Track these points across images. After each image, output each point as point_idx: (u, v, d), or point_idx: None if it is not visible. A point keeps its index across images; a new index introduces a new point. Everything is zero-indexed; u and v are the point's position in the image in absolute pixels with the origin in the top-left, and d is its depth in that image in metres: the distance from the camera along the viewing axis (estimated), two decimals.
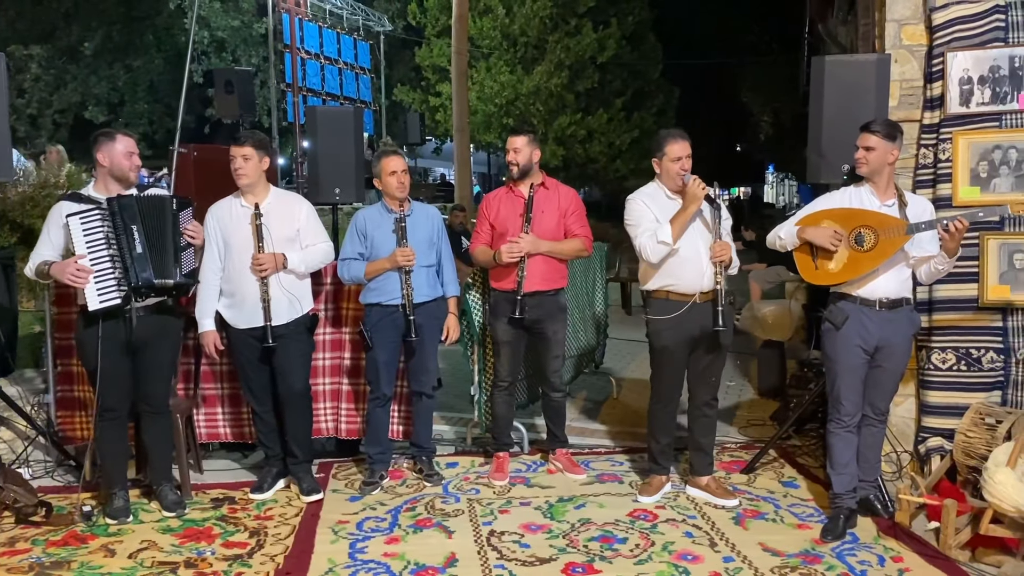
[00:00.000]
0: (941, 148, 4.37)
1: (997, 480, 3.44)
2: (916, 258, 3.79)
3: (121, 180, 3.95)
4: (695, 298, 4.01)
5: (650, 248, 4.01)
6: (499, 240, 4.47)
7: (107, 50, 21.02)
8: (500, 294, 4.50)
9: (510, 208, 4.49)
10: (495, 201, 4.56)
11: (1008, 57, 4.26)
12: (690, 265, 4.01)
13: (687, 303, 4.02)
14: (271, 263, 4.08)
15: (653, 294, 4.14)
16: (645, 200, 4.13)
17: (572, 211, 4.55)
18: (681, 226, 3.96)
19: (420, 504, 4.23)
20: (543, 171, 4.59)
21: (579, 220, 4.56)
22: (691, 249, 4.00)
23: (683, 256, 4.01)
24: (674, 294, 4.06)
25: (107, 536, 3.87)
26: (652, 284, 4.14)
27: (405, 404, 4.76)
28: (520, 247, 4.33)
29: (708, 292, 3.99)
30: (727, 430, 5.43)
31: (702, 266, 3.99)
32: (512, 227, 4.43)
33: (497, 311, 4.53)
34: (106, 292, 3.81)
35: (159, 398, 4.11)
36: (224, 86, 10.76)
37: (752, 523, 3.98)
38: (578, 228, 4.54)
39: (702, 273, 3.99)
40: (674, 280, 4.06)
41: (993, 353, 4.27)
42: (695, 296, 4.01)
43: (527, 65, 19.71)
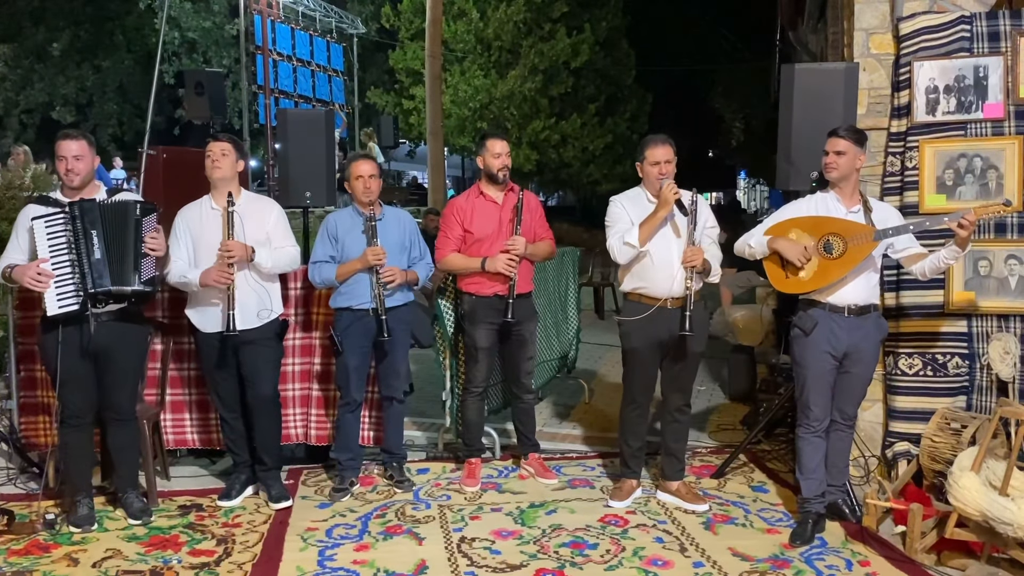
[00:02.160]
0: (908, 156, 4.43)
1: (962, 484, 3.48)
2: (907, 255, 3.83)
3: (67, 185, 3.89)
4: (666, 302, 4.02)
5: (617, 249, 4.05)
6: (475, 246, 4.46)
7: (75, 50, 20.75)
8: (479, 300, 4.46)
9: (487, 214, 4.47)
10: (466, 206, 4.52)
11: (973, 67, 4.33)
12: (661, 269, 4.02)
13: (655, 306, 4.03)
14: (240, 251, 4.00)
15: (627, 295, 4.19)
16: (624, 203, 4.15)
17: (539, 215, 4.60)
18: (650, 229, 3.98)
19: (390, 511, 4.21)
20: None
21: (543, 223, 4.63)
22: (664, 253, 4.02)
23: (655, 260, 4.03)
24: (645, 297, 4.08)
25: (71, 545, 3.80)
26: (626, 286, 4.18)
27: (376, 410, 4.73)
28: (517, 251, 4.35)
29: (679, 297, 4.00)
30: (697, 435, 5.45)
31: (673, 271, 4.00)
32: (493, 232, 4.42)
33: (476, 317, 4.48)
34: (65, 297, 3.76)
35: (124, 406, 4.05)
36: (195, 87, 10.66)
37: (722, 528, 4.00)
38: (543, 231, 4.61)
39: (673, 277, 4.00)
40: (645, 283, 4.08)
41: (958, 359, 4.33)
42: (666, 300, 4.02)
43: (501, 69, 19.71)
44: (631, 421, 4.31)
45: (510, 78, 19.34)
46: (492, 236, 4.42)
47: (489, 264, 4.37)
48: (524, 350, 4.60)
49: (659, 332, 4.07)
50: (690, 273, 3.96)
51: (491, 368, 4.66)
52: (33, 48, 20.40)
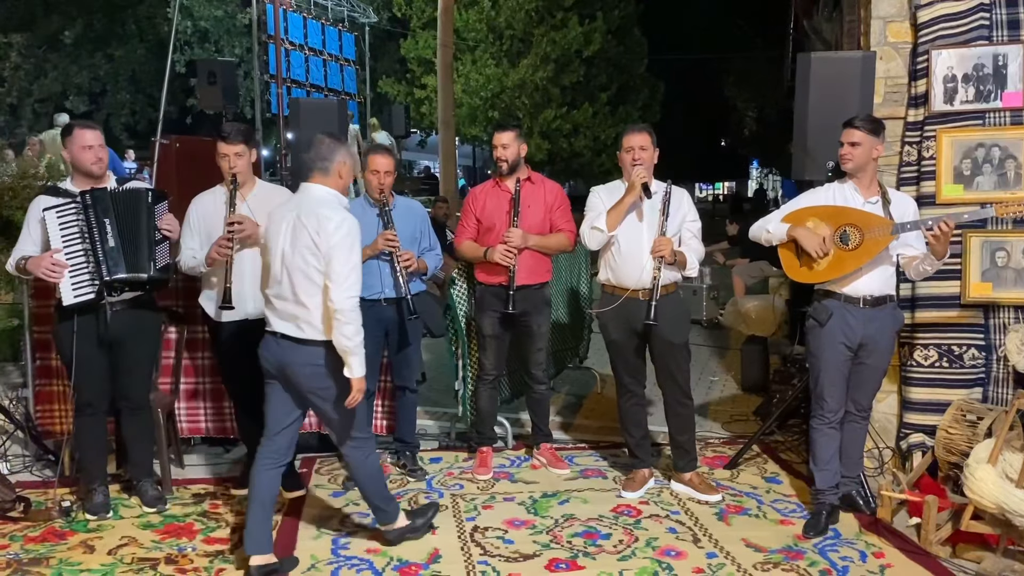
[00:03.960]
0: (925, 146, 4.38)
1: (978, 477, 3.46)
2: (904, 256, 3.80)
3: (85, 174, 3.89)
4: (638, 293, 4.05)
5: (587, 234, 4.11)
6: (486, 235, 4.47)
7: (88, 39, 20.81)
8: (487, 288, 4.49)
9: (496, 203, 4.48)
10: (481, 195, 4.55)
11: (992, 55, 4.28)
12: (631, 260, 4.06)
13: (623, 296, 4.06)
14: (251, 225, 3.97)
15: (603, 287, 4.23)
16: (602, 193, 4.21)
17: (557, 206, 4.56)
18: (618, 214, 4.01)
19: (403, 499, 4.21)
20: (528, 165, 4.58)
21: (564, 215, 4.57)
22: (633, 244, 4.05)
23: (624, 250, 4.07)
24: (617, 288, 4.12)
25: (86, 532, 3.83)
26: (601, 276, 4.24)
27: (389, 399, 4.74)
28: (513, 243, 4.34)
29: (650, 288, 4.02)
30: (710, 425, 5.45)
31: (642, 261, 4.03)
32: (499, 222, 4.42)
33: (483, 304, 4.53)
34: (80, 286, 3.77)
35: (138, 394, 4.07)
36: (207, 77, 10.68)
37: (735, 519, 3.99)
38: (563, 223, 4.55)
39: (642, 268, 4.03)
40: (614, 274, 4.13)
41: (975, 350, 4.30)
42: (638, 291, 4.05)
43: (513, 58, 19.66)
44: (627, 411, 4.34)
45: (522, 67, 19.29)
46: (499, 225, 4.43)
47: (489, 254, 4.41)
48: (533, 342, 4.59)
49: (632, 322, 4.10)
50: (658, 263, 3.98)
51: (501, 357, 4.66)
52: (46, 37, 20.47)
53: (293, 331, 3.32)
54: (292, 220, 3.31)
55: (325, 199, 3.34)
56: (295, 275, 3.28)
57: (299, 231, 3.28)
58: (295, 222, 3.30)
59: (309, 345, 3.30)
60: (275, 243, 3.35)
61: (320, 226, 3.22)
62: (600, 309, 4.18)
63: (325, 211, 3.27)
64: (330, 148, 3.39)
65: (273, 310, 3.39)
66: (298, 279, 3.27)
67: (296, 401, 3.44)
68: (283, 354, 3.35)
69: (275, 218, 3.41)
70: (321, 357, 3.30)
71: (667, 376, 4.24)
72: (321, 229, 3.22)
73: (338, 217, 3.26)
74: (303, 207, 3.32)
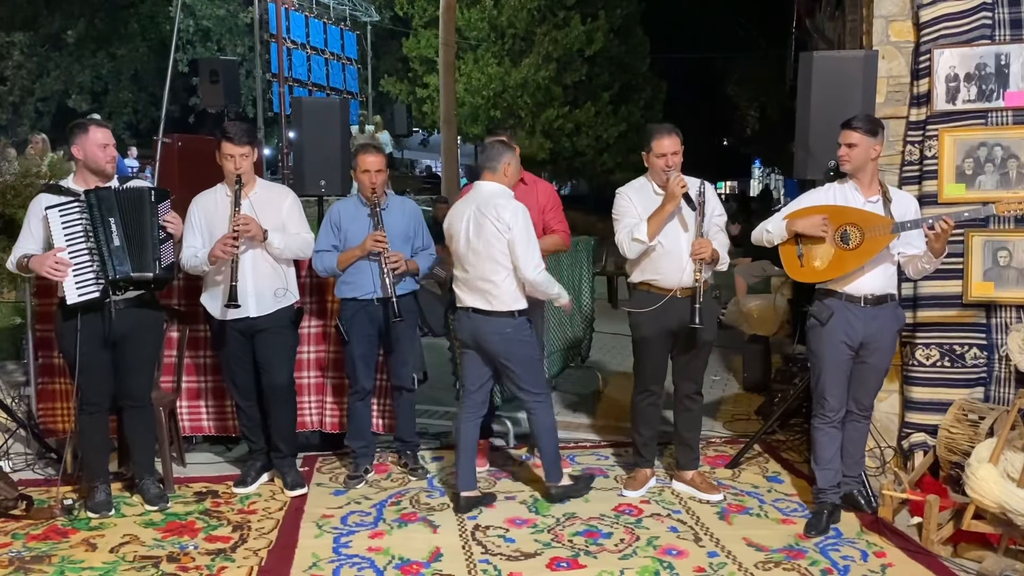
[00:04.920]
0: (927, 145, 4.38)
1: (979, 476, 3.46)
2: (905, 255, 3.80)
3: (97, 173, 3.89)
4: (675, 293, 4.01)
5: (626, 245, 4.04)
6: None
7: (90, 38, 20.84)
8: None
9: None
10: None
11: (994, 55, 4.27)
12: (671, 260, 4.01)
13: (666, 297, 4.02)
14: (255, 226, 4.00)
15: (636, 286, 4.16)
16: (631, 195, 4.13)
17: (550, 207, 4.55)
18: (658, 223, 3.95)
19: (405, 498, 4.22)
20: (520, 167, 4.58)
21: (557, 216, 4.57)
22: (673, 244, 4.00)
23: (665, 251, 4.01)
24: (655, 288, 4.06)
25: (88, 530, 3.84)
26: (635, 277, 4.16)
27: (388, 398, 4.74)
28: None
29: (689, 288, 3.99)
30: (712, 424, 5.45)
31: (683, 262, 3.99)
32: None
33: None
34: (85, 285, 3.77)
35: (141, 392, 4.07)
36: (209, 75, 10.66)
37: (736, 518, 3.99)
38: (556, 224, 4.56)
39: (682, 269, 3.99)
40: (655, 275, 4.07)
41: (976, 349, 4.30)
42: (675, 291, 4.01)
43: (515, 57, 19.65)
44: (643, 410, 4.31)
45: (524, 66, 19.28)
46: None
47: None
48: None
49: (669, 322, 4.06)
50: (699, 265, 3.94)
51: None
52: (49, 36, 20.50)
53: (483, 304, 3.95)
54: (472, 212, 3.92)
55: (497, 192, 3.96)
56: (481, 258, 3.90)
57: (481, 221, 3.88)
58: (475, 213, 3.91)
59: (497, 316, 3.93)
60: (458, 232, 3.97)
61: (499, 215, 3.84)
62: (638, 309, 4.11)
63: (500, 201, 3.89)
64: (498, 151, 4.02)
65: (463, 288, 4.02)
66: (485, 261, 3.89)
67: (487, 365, 4.07)
68: (475, 326, 3.98)
69: (455, 212, 4.05)
70: (509, 326, 3.93)
71: (687, 374, 4.23)
72: (500, 217, 3.83)
73: (512, 206, 3.89)
74: (480, 201, 3.93)
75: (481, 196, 3.97)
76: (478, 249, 3.90)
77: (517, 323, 3.95)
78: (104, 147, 3.86)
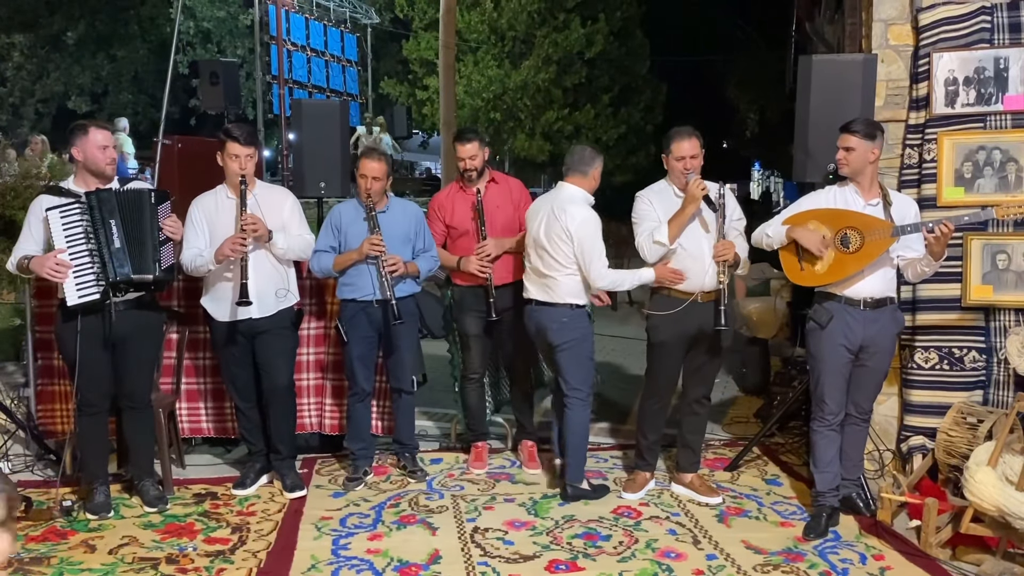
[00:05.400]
0: (926, 148, 4.39)
1: (978, 479, 3.46)
2: (904, 258, 3.80)
3: (97, 174, 3.89)
4: (696, 296, 4.01)
5: (647, 248, 4.03)
6: (460, 240, 4.52)
7: (91, 39, 20.83)
8: (465, 288, 4.54)
9: (466, 209, 4.51)
10: (448, 202, 4.59)
11: (993, 58, 4.28)
12: (693, 263, 4.00)
13: (687, 300, 4.01)
14: (262, 226, 4.01)
15: (657, 290, 4.13)
16: (652, 198, 4.12)
17: (524, 203, 4.58)
18: (679, 226, 3.95)
19: (404, 500, 4.22)
20: (490, 167, 4.63)
21: None
22: (695, 247, 3.99)
23: (687, 253, 4.00)
24: (676, 291, 4.05)
25: (87, 532, 3.84)
26: None
27: (388, 400, 4.74)
28: (489, 256, 4.39)
29: (711, 291, 3.99)
30: (711, 427, 5.40)
31: (705, 265, 3.98)
32: (471, 227, 4.47)
33: (464, 306, 4.56)
34: (85, 287, 3.78)
35: (141, 394, 4.08)
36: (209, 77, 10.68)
37: (735, 521, 4.00)
38: None
39: (704, 272, 3.98)
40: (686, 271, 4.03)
41: (975, 353, 4.30)
42: (696, 295, 4.01)
43: (515, 60, 19.63)
44: (651, 414, 4.31)
45: (524, 68, 19.27)
46: (473, 230, 4.47)
47: (463, 264, 4.45)
48: (514, 340, 4.61)
49: (689, 326, 4.05)
50: (722, 267, 3.94)
51: (486, 355, 4.69)
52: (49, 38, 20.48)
53: (544, 296, 4.13)
54: (548, 210, 4.08)
55: (575, 197, 4.11)
56: (546, 254, 4.06)
57: (552, 220, 4.05)
58: (550, 212, 4.06)
59: (556, 307, 4.10)
60: (532, 226, 4.16)
61: (567, 222, 4.00)
62: (660, 312, 4.10)
63: (572, 208, 4.04)
64: (591, 156, 4.19)
65: (530, 278, 4.21)
66: (548, 257, 4.06)
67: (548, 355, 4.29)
68: (538, 316, 4.15)
69: (536, 205, 4.25)
70: (565, 315, 4.09)
71: (699, 378, 4.24)
72: (567, 225, 3.99)
73: (582, 214, 4.03)
74: (556, 202, 4.09)
75: (559, 197, 4.12)
76: (545, 246, 4.06)
77: (574, 314, 4.10)
78: (104, 149, 3.86)
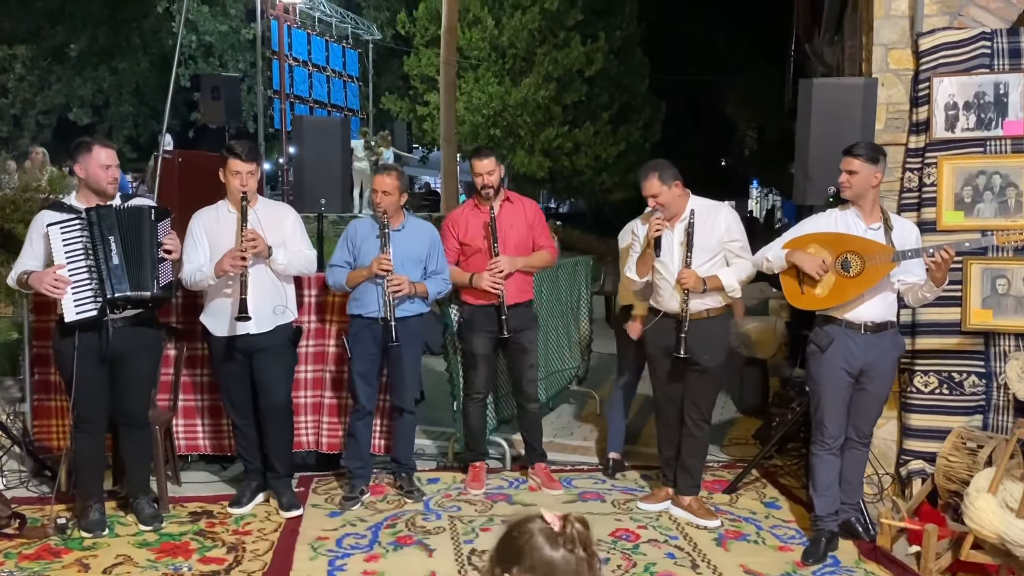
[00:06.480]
0: (926, 172, 4.39)
1: (978, 506, 3.45)
2: (905, 283, 3.79)
3: (98, 192, 3.89)
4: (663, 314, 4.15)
5: (629, 280, 4.30)
6: (472, 258, 4.52)
7: (92, 52, 20.89)
8: (475, 308, 4.53)
9: (480, 226, 4.51)
10: (462, 219, 4.61)
11: (993, 84, 4.30)
12: (666, 286, 4.15)
13: (658, 316, 4.19)
14: (262, 242, 4.01)
15: (651, 306, 4.30)
16: (637, 228, 4.29)
17: (537, 223, 4.64)
18: (643, 264, 4.17)
19: (401, 521, 4.19)
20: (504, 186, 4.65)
21: (544, 232, 4.68)
22: (667, 272, 4.13)
23: (660, 276, 4.15)
24: (656, 308, 4.23)
25: (82, 550, 3.81)
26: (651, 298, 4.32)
27: (387, 418, 4.72)
28: (502, 272, 4.39)
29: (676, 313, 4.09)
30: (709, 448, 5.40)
31: (671, 287, 4.10)
32: (485, 245, 4.48)
33: (473, 325, 4.55)
34: (83, 303, 3.76)
35: (138, 411, 4.06)
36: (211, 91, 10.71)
37: (734, 544, 3.97)
38: (544, 240, 4.66)
39: (673, 296, 4.10)
40: (656, 298, 4.22)
41: (975, 377, 4.29)
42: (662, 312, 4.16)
43: (515, 77, 19.73)
44: (659, 428, 4.43)
45: (524, 85, 19.36)
46: (486, 248, 4.48)
47: (475, 281, 4.46)
48: (525, 358, 4.62)
49: (666, 340, 4.15)
50: (684, 295, 4.01)
51: (491, 375, 4.69)
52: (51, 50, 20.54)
53: None
54: None
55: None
56: None
57: None
58: None
59: None
60: None
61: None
62: (646, 325, 4.32)
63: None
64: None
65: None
66: None
67: None
68: None
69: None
70: None
71: (689, 396, 4.25)
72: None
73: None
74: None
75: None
76: None
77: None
78: (107, 168, 3.87)
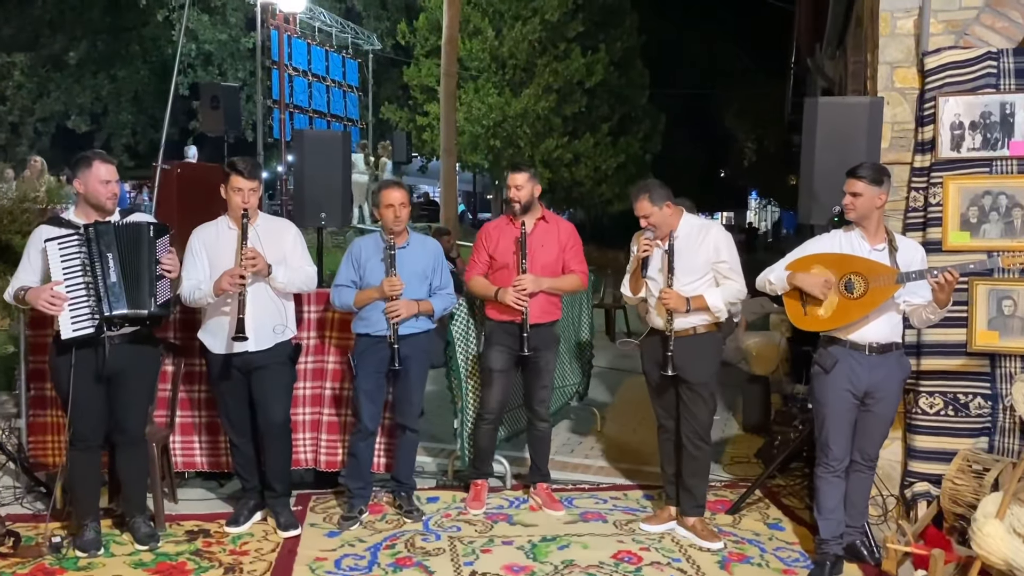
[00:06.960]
0: (931, 192, 4.37)
1: (986, 532, 3.41)
2: (910, 304, 3.75)
3: (97, 208, 3.86)
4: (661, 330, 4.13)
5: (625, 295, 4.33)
6: (499, 272, 4.48)
7: (91, 59, 20.88)
8: (497, 324, 4.49)
9: (511, 241, 4.47)
10: (495, 232, 4.55)
11: (999, 103, 4.28)
12: (654, 305, 4.17)
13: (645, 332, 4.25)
14: (261, 259, 3.98)
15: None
16: (632, 246, 4.25)
17: (571, 246, 4.57)
18: (635, 280, 4.18)
19: (400, 541, 4.14)
20: (542, 204, 4.59)
21: (576, 256, 4.59)
22: (655, 286, 4.15)
23: (654, 291, 4.15)
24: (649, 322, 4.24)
25: (76, 570, 3.75)
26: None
27: (388, 436, 4.67)
28: (525, 290, 4.34)
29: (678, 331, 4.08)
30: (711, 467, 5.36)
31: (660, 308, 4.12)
32: (512, 261, 4.42)
33: (493, 340, 4.51)
34: (80, 320, 3.72)
35: (134, 429, 4.01)
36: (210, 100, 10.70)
37: (737, 567, 3.93)
38: (575, 264, 4.57)
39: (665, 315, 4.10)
40: (647, 311, 4.23)
41: (981, 399, 4.26)
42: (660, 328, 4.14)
43: (515, 88, 19.75)
44: (660, 445, 4.40)
45: (524, 96, 19.38)
46: (513, 264, 4.42)
47: (501, 295, 4.40)
48: (539, 378, 4.57)
49: (656, 356, 4.16)
50: (667, 315, 4.03)
51: (506, 395, 4.62)
52: (50, 57, 20.53)
53: None
54: None
55: None
56: None
57: None
58: None
59: None
60: None
61: None
62: (640, 340, 4.37)
63: None
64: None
65: None
66: None
67: None
68: None
69: None
70: None
71: (684, 414, 4.21)
72: None
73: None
74: None
75: None
76: None
77: None
78: (106, 183, 3.83)
